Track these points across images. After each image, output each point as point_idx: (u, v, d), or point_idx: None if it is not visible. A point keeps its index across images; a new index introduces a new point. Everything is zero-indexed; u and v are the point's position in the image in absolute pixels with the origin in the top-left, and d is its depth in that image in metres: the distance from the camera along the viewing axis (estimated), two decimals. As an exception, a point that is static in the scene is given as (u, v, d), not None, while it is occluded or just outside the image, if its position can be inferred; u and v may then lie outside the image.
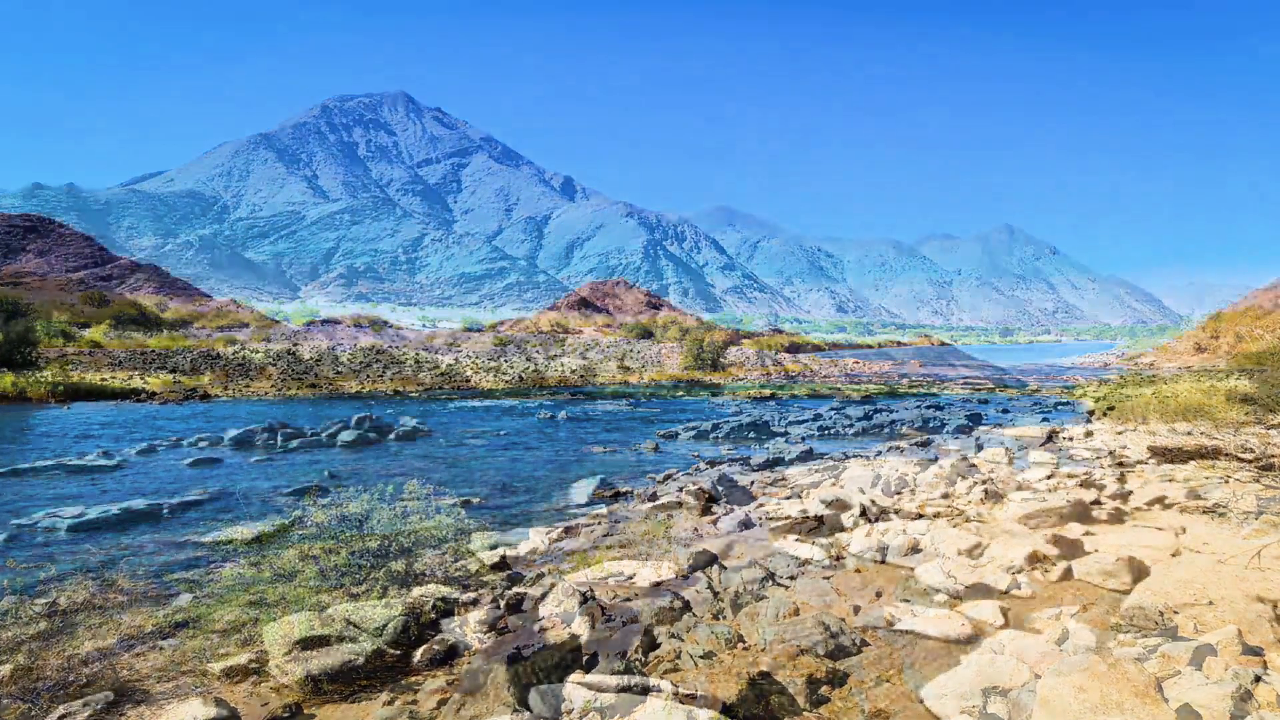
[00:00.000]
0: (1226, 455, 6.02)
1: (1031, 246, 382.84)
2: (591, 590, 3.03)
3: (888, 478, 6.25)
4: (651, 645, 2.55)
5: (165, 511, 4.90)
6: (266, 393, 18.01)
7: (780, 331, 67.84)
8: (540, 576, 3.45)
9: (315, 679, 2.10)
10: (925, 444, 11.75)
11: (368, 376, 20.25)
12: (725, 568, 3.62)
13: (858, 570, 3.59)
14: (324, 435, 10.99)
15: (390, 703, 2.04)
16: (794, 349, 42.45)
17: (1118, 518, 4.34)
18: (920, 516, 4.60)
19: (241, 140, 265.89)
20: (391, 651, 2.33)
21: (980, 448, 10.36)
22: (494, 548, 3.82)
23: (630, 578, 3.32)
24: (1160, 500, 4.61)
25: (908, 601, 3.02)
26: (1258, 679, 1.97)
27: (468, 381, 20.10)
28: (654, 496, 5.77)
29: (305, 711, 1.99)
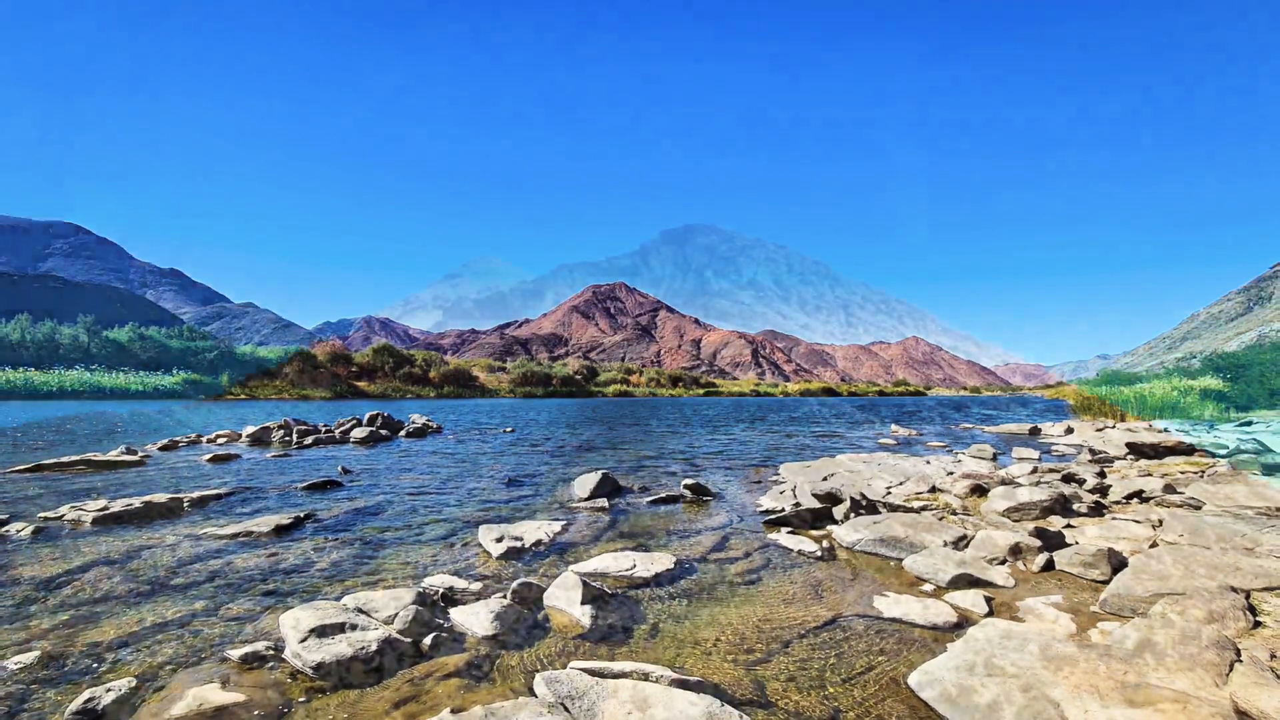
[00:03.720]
0: (1200, 451, 6.10)
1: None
2: (594, 580, 3.12)
3: (878, 472, 6.35)
4: (652, 632, 2.64)
5: (185, 504, 4.98)
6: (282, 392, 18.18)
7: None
8: (544, 567, 3.55)
9: (328, 665, 2.17)
10: (913, 441, 11.90)
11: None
12: (721, 559, 3.74)
13: (848, 561, 3.71)
14: (337, 432, 11.19)
15: (400, 688, 2.10)
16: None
17: (1097, 511, 4.44)
18: (908, 509, 4.70)
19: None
20: (401, 639, 2.40)
21: (966, 444, 10.52)
22: (499, 540, 3.92)
23: (631, 568, 3.39)
24: (1138, 494, 4.71)
25: (896, 591, 3.12)
26: (1231, 665, 2.06)
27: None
28: (654, 491, 5.90)
29: (318, 696, 2.06)
